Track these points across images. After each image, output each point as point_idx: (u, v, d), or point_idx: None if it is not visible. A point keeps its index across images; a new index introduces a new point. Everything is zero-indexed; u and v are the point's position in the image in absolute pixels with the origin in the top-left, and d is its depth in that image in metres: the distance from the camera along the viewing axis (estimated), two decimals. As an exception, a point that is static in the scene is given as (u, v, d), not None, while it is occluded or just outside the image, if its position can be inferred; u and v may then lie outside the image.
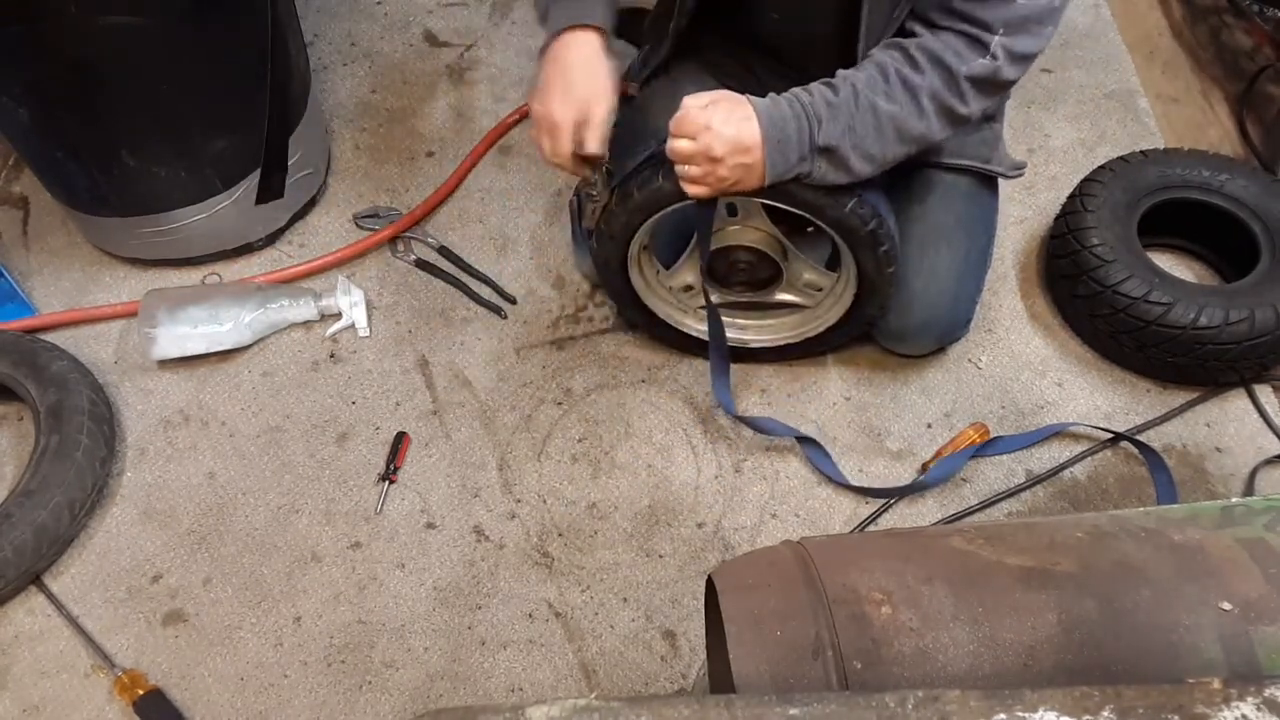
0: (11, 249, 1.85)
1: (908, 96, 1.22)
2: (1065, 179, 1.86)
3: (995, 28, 1.18)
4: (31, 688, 1.37)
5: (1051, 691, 0.57)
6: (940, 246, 1.49)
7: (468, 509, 1.52)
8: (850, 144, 1.23)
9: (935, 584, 0.75)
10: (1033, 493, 1.52)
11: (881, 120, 1.22)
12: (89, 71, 1.45)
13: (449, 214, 1.88)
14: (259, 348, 1.70)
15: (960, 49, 1.20)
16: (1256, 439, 1.56)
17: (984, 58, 1.19)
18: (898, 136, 1.24)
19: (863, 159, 1.25)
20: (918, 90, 1.21)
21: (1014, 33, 1.18)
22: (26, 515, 1.39)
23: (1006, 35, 1.18)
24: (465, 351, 1.70)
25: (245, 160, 1.68)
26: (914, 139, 1.25)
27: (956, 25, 1.20)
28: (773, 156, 1.23)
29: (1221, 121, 1.97)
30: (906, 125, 1.23)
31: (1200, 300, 1.50)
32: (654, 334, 1.65)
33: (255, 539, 1.50)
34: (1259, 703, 0.56)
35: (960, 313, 1.56)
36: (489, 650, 1.39)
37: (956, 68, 1.20)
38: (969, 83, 1.21)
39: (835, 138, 1.22)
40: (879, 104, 1.22)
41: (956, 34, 1.20)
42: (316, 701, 1.35)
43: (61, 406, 1.49)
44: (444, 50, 2.17)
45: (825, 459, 1.53)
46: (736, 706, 0.58)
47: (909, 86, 1.22)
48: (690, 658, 1.37)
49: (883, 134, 1.23)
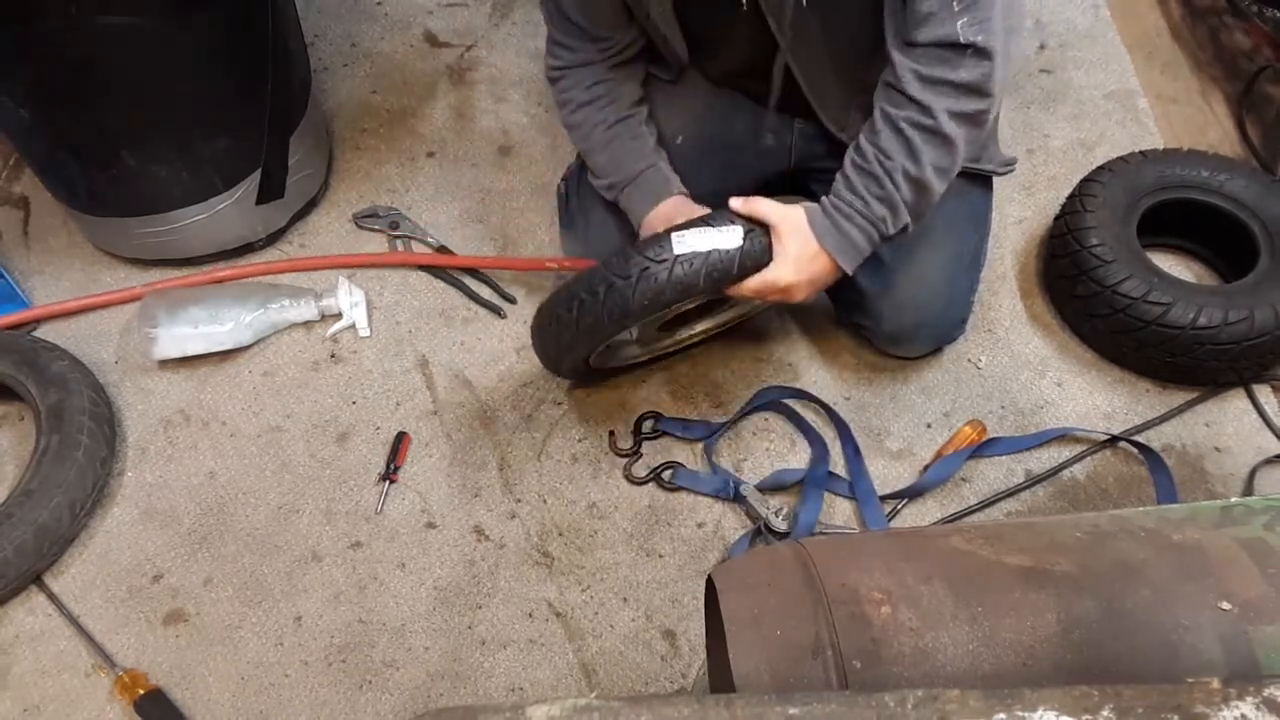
0: (12, 249, 1.85)
1: (932, 140, 1.23)
2: (1065, 179, 1.86)
3: (957, 19, 1.15)
4: (32, 687, 1.37)
5: (1051, 691, 0.57)
6: (930, 248, 1.48)
7: (468, 509, 1.52)
8: (912, 216, 1.29)
9: (935, 584, 0.75)
10: (1032, 493, 1.52)
11: (926, 181, 1.25)
12: (89, 71, 1.46)
13: (449, 214, 1.88)
14: (259, 348, 1.70)
15: (946, 58, 1.18)
16: (1255, 439, 1.56)
17: (968, 55, 1.18)
18: (941, 179, 1.27)
19: (918, 217, 1.31)
20: (936, 128, 1.21)
21: (969, 10, 1.15)
22: (27, 515, 1.40)
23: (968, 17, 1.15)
24: (465, 351, 1.70)
25: (245, 160, 1.68)
26: (952, 167, 1.28)
27: (928, 40, 1.18)
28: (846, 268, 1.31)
29: (1221, 121, 1.97)
30: (943, 165, 1.26)
31: (1199, 300, 1.50)
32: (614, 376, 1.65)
33: (256, 539, 1.50)
34: (1258, 702, 0.56)
35: (954, 313, 1.56)
36: (489, 650, 1.39)
37: (952, 76, 1.19)
38: (973, 81, 1.19)
39: (901, 224, 1.29)
40: (914, 171, 1.24)
41: (934, 47, 1.18)
42: (317, 701, 1.36)
43: (62, 406, 1.49)
44: (444, 50, 2.17)
45: (837, 482, 1.52)
46: (736, 706, 0.58)
47: (925, 130, 1.22)
48: (690, 657, 1.38)
49: (930, 188, 1.27)
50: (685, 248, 1.24)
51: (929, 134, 1.22)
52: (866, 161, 1.26)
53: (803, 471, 1.52)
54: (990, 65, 1.18)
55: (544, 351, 1.49)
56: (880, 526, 1.46)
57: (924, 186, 1.26)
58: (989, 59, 1.17)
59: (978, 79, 1.19)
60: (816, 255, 1.29)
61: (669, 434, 1.58)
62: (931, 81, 1.19)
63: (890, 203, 1.26)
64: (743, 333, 1.69)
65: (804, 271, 1.29)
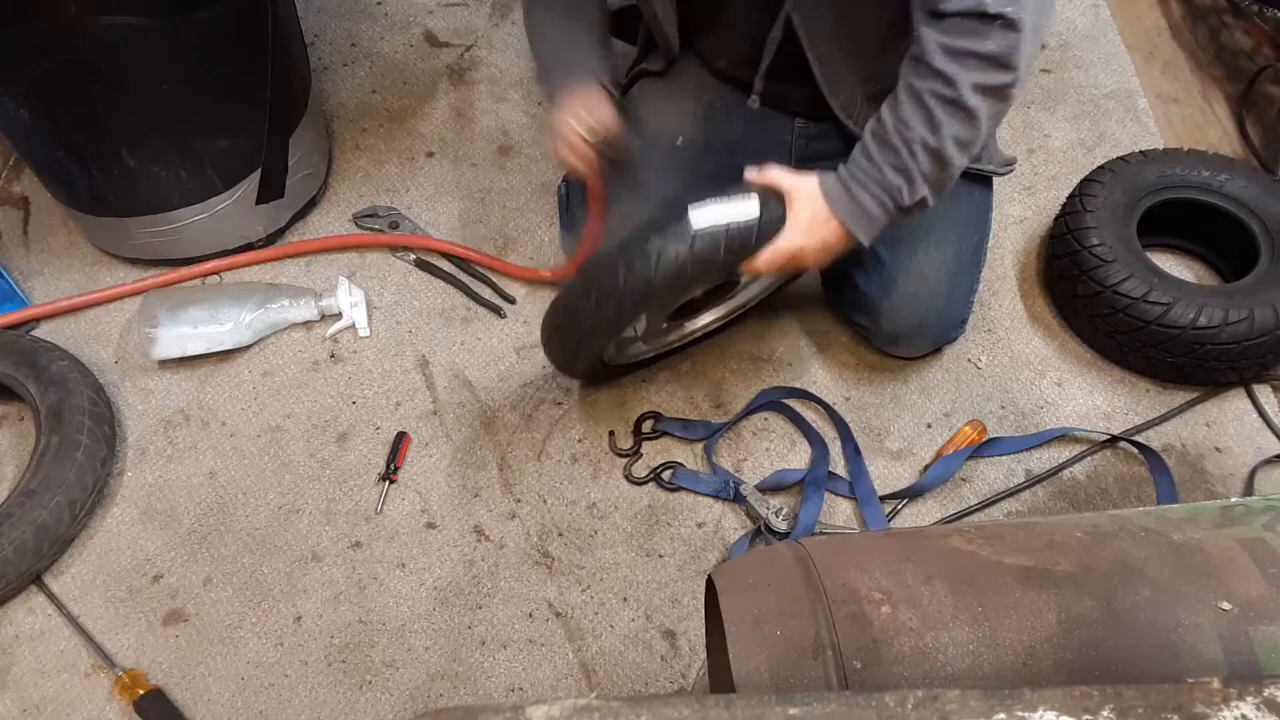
0: (12, 249, 1.85)
1: (954, 113, 1.20)
2: (1065, 179, 1.86)
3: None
4: (32, 687, 1.37)
5: (1051, 691, 0.57)
6: (929, 247, 1.48)
7: (468, 509, 1.52)
8: (929, 189, 1.25)
9: (935, 584, 0.75)
10: (1032, 493, 1.52)
11: (945, 154, 1.22)
12: (89, 71, 1.45)
13: (449, 214, 1.88)
14: (259, 348, 1.70)
15: (974, 29, 1.16)
16: (1256, 439, 1.56)
17: (997, 26, 1.15)
18: (963, 153, 1.24)
19: (938, 191, 1.27)
20: (960, 100, 1.19)
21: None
22: (27, 515, 1.39)
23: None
24: (465, 351, 1.70)
25: (245, 160, 1.68)
26: (976, 141, 1.24)
27: (957, 10, 1.16)
28: (861, 237, 1.28)
29: (1221, 121, 1.98)
30: (964, 138, 1.22)
31: (1200, 300, 1.50)
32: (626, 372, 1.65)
33: (255, 539, 1.50)
34: (1259, 703, 0.56)
35: (954, 313, 1.56)
36: (489, 650, 1.39)
37: (979, 47, 1.16)
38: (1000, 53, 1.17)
39: (918, 195, 1.25)
40: (933, 142, 1.21)
41: (962, 17, 1.16)
42: (317, 701, 1.36)
43: (62, 406, 1.49)
44: (444, 50, 2.17)
45: (837, 482, 1.52)
46: (736, 706, 0.58)
47: (948, 102, 1.19)
48: (690, 658, 1.38)
49: (950, 162, 1.24)
50: (704, 221, 1.22)
51: (952, 106, 1.19)
52: (885, 131, 1.24)
53: (803, 471, 1.52)
54: (1018, 37, 1.15)
55: (561, 347, 1.45)
56: (880, 526, 1.46)
57: (944, 159, 1.23)
58: (1017, 30, 1.15)
59: (1005, 50, 1.16)
60: (828, 220, 1.27)
61: (669, 434, 1.58)
62: (957, 53, 1.17)
63: (907, 173, 1.23)
64: (743, 333, 1.69)
65: (814, 236, 1.27)
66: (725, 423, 1.58)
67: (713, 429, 1.57)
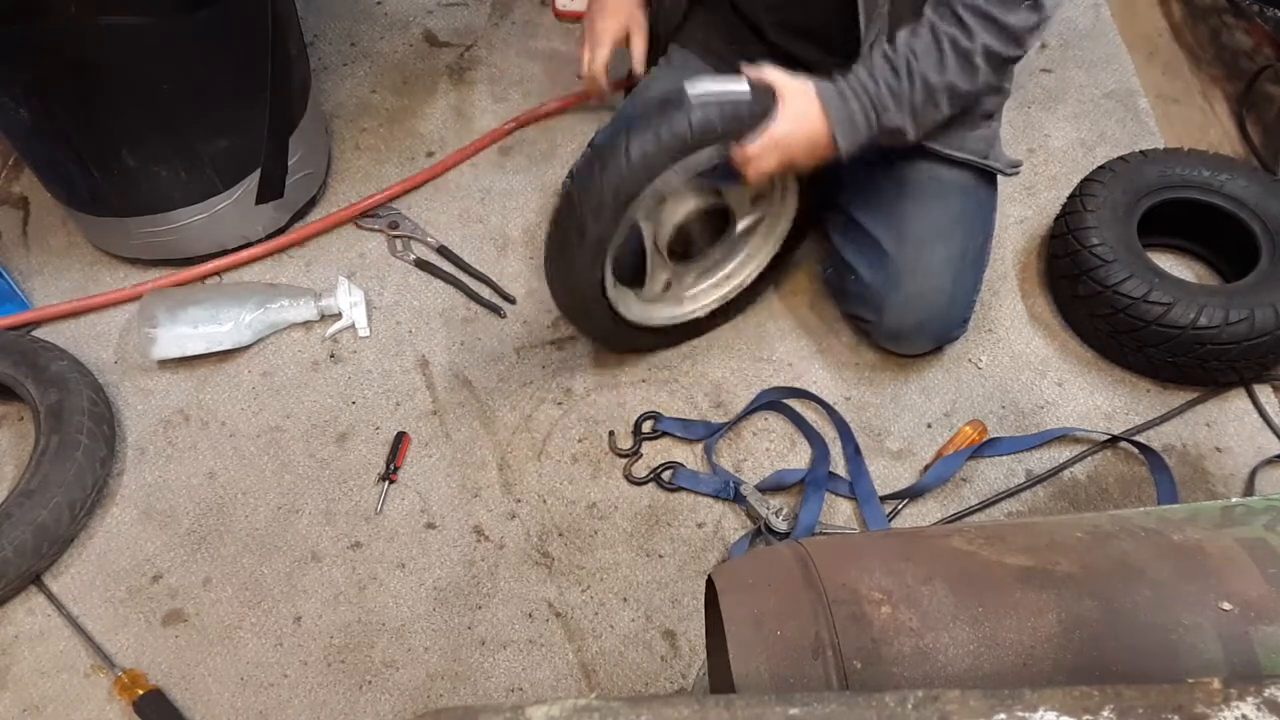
0: (11, 249, 1.85)
1: (962, 63, 1.29)
2: (1065, 179, 1.86)
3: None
4: (31, 688, 1.37)
5: (1051, 691, 0.57)
6: (936, 244, 1.49)
7: (468, 509, 1.52)
8: (911, 121, 1.34)
9: (935, 584, 0.75)
10: (1033, 493, 1.52)
11: (938, 94, 1.32)
12: (89, 71, 1.45)
13: (449, 214, 1.88)
14: (259, 348, 1.70)
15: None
16: (1256, 439, 1.56)
17: (1025, 4, 1.25)
18: (951, 103, 1.34)
19: (918, 128, 1.35)
20: (971, 54, 1.28)
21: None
22: (27, 515, 1.39)
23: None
24: (465, 351, 1.70)
25: (245, 160, 1.68)
26: (966, 96, 1.35)
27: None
28: (840, 143, 1.33)
29: (1221, 121, 1.97)
30: (959, 89, 1.32)
31: (1200, 300, 1.50)
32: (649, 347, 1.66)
33: (255, 539, 1.50)
34: (1259, 703, 0.56)
35: (957, 311, 1.56)
36: (489, 650, 1.39)
37: (1003, 17, 1.25)
38: (1019, 28, 1.27)
39: (898, 121, 1.33)
40: (933, 80, 1.30)
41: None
42: (316, 701, 1.35)
43: (62, 406, 1.49)
44: (444, 50, 2.17)
45: (837, 482, 1.52)
46: (736, 706, 0.58)
47: (960, 51, 1.28)
48: (690, 658, 1.37)
49: (939, 105, 1.33)
50: (700, 90, 1.30)
51: (962, 57, 1.29)
52: (895, 54, 1.31)
53: (803, 471, 1.52)
54: (1037, 19, 1.27)
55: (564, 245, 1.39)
56: (881, 526, 1.46)
57: (934, 100, 1.32)
58: (1038, 13, 1.26)
59: (1023, 27, 1.27)
60: (816, 116, 1.32)
61: (669, 434, 1.58)
62: (983, 15, 1.26)
63: (898, 96, 1.31)
64: (743, 333, 1.69)
65: (803, 129, 1.32)
66: (725, 423, 1.58)
67: (713, 429, 1.57)
